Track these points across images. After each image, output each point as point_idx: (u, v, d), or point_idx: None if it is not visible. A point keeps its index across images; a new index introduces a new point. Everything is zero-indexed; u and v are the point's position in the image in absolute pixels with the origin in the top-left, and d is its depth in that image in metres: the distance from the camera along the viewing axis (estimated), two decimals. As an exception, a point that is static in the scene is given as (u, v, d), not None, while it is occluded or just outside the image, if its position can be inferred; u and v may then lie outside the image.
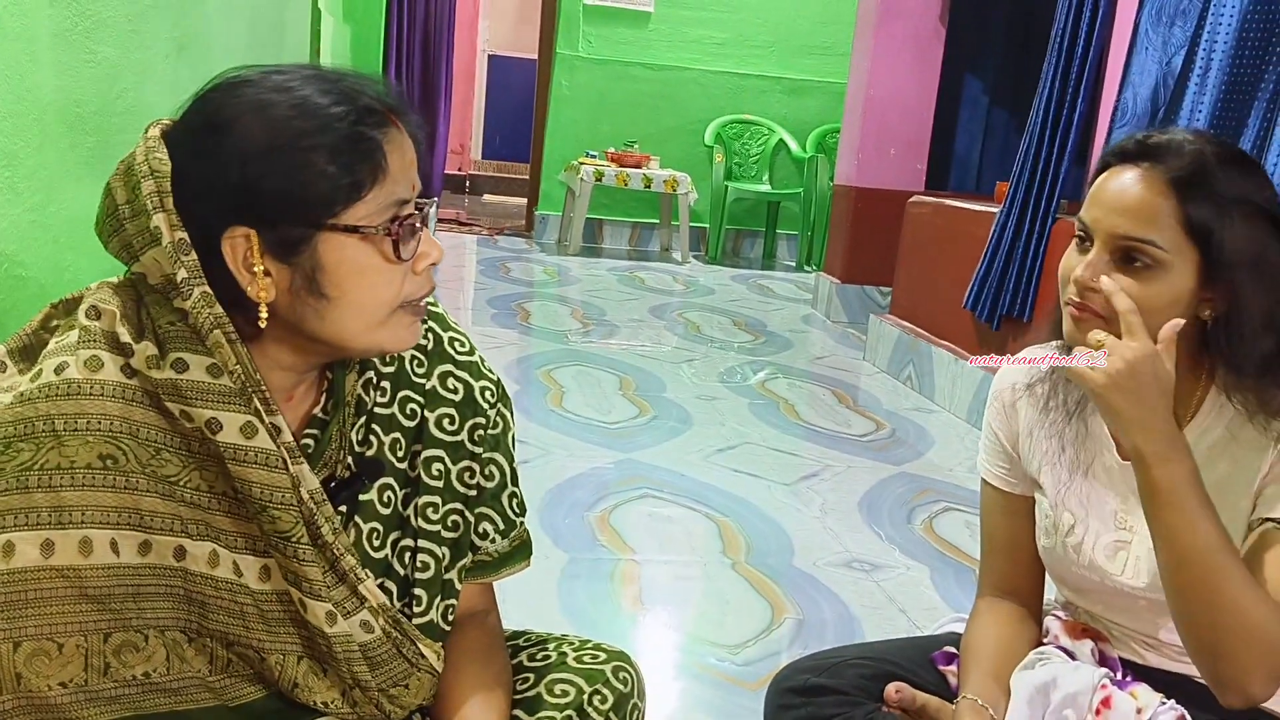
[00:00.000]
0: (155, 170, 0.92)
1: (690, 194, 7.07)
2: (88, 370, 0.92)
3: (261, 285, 0.92)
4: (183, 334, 0.93)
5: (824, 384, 4.13)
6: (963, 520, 2.71)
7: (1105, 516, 1.35)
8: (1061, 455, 1.37)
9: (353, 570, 1.00)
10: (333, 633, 0.99)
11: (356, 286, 0.94)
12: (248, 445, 0.93)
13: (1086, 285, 1.22)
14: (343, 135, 0.90)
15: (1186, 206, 1.18)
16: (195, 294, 0.92)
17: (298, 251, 0.92)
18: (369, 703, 1.05)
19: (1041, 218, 3.35)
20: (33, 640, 0.89)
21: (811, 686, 1.50)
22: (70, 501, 0.90)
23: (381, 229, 0.93)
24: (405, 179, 0.95)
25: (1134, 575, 1.33)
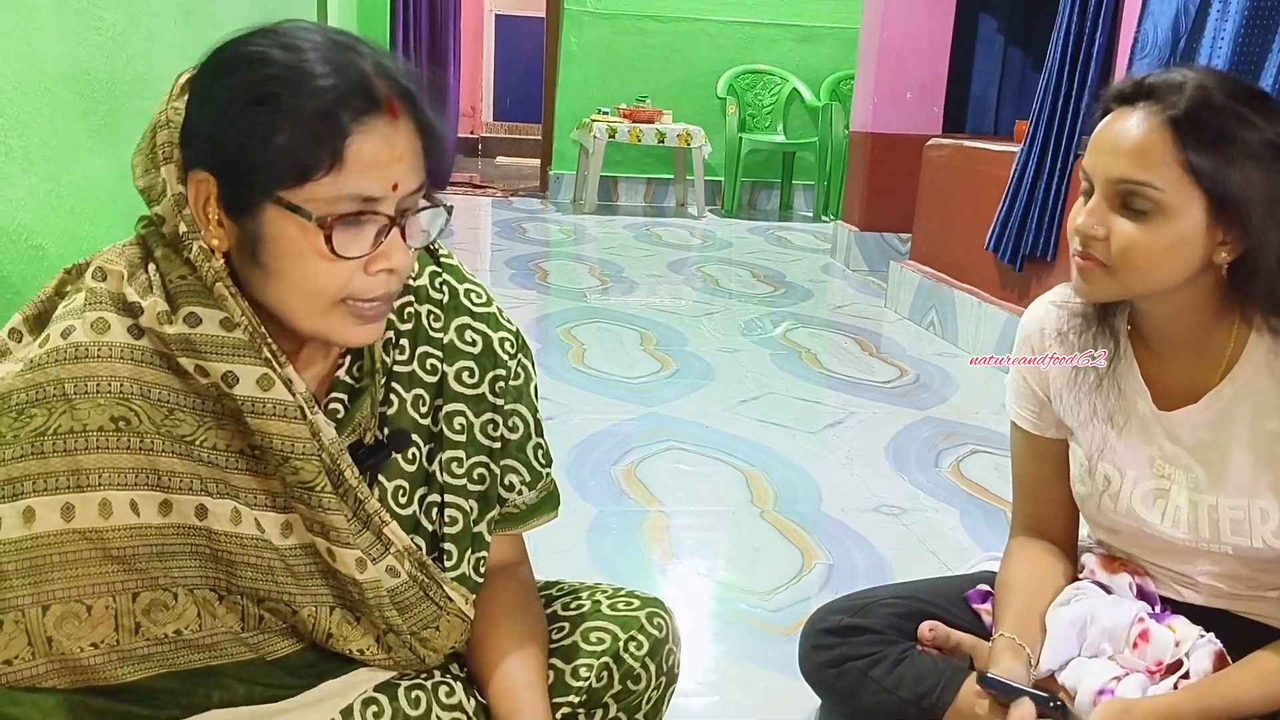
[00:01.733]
0: (170, 120, 0.92)
1: (704, 147, 7.01)
2: (94, 332, 0.91)
3: (214, 234, 0.91)
4: (194, 288, 0.92)
5: (846, 332, 4.11)
6: (991, 462, 2.70)
7: (1142, 465, 1.33)
8: (1094, 417, 1.35)
9: (377, 514, 1.00)
10: (364, 579, 0.99)
11: (293, 267, 0.90)
12: (265, 397, 0.92)
13: (1088, 234, 1.19)
14: (312, 112, 0.86)
15: (1186, 146, 1.14)
16: (194, 247, 0.91)
17: (246, 213, 0.89)
18: (403, 647, 1.05)
19: (1063, 155, 3.30)
20: (61, 603, 0.89)
21: (845, 627, 1.50)
22: (87, 464, 0.90)
23: (317, 219, 0.88)
24: (378, 176, 0.89)
25: (1173, 524, 1.31)
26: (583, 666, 1.18)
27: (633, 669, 1.20)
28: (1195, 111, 1.14)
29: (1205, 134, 1.13)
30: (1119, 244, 1.17)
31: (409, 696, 1.08)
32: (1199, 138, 1.13)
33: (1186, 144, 1.14)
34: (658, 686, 1.23)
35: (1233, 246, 1.17)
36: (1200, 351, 1.27)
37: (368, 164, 0.88)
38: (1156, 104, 1.17)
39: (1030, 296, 3.57)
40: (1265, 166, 1.13)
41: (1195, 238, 1.16)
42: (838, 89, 7.34)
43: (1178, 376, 1.30)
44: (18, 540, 0.88)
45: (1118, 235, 1.17)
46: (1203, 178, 1.14)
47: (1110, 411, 1.33)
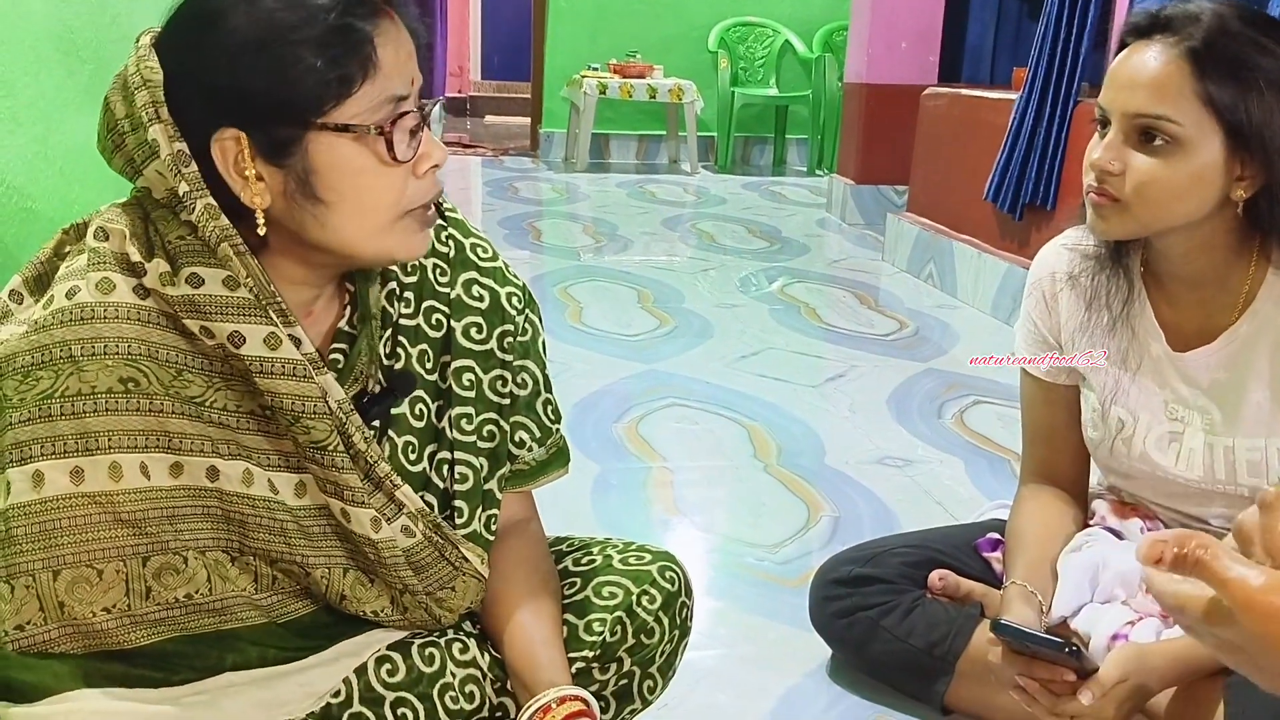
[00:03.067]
0: (148, 80, 0.88)
1: (696, 102, 6.95)
2: (100, 293, 0.90)
3: (255, 190, 0.89)
4: (194, 247, 0.90)
5: (844, 286, 4.09)
6: (994, 412, 2.69)
7: (1155, 409, 1.32)
8: (1112, 353, 1.33)
9: (388, 476, 0.99)
10: (379, 538, 0.98)
11: (353, 189, 0.90)
12: (273, 357, 0.91)
13: (1104, 169, 1.17)
14: (330, 27, 0.86)
15: (1204, 78, 1.12)
16: (199, 207, 0.89)
17: (288, 153, 0.88)
18: (419, 607, 1.04)
19: (1062, 102, 3.27)
20: (72, 568, 0.88)
21: (856, 577, 1.50)
22: (95, 427, 0.88)
23: (374, 128, 0.88)
24: (401, 74, 0.90)
25: (1187, 467, 1.30)
26: (596, 621, 1.17)
27: (646, 623, 1.19)
28: (1213, 41, 1.12)
29: (1223, 64, 1.11)
30: (1136, 179, 1.16)
31: (423, 654, 1.08)
32: (1217, 68, 1.11)
33: (1205, 75, 1.12)
34: (671, 640, 1.23)
35: (1251, 181, 1.15)
36: (1216, 290, 1.25)
37: (392, 64, 0.89)
38: (1173, 36, 1.15)
39: (1030, 246, 3.55)
40: None
41: (1214, 172, 1.15)
42: (830, 40, 7.26)
43: (1192, 317, 1.28)
44: (27, 504, 0.86)
45: (1135, 170, 1.16)
46: (1222, 109, 1.12)
47: (1124, 354, 1.32)
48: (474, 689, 1.10)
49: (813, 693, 1.50)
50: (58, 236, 0.97)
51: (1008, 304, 3.57)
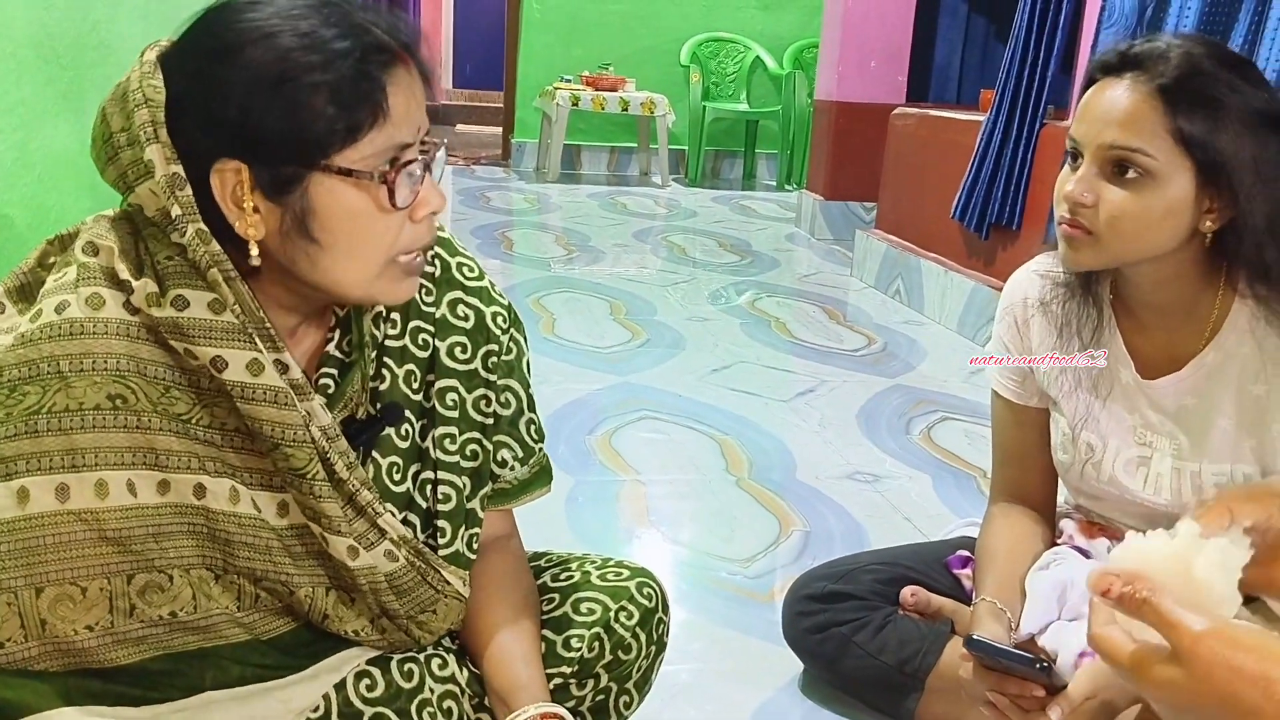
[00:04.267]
0: (150, 99, 0.88)
1: (668, 116, 6.98)
2: (90, 308, 0.90)
3: (250, 222, 0.89)
4: (182, 269, 0.90)
5: (813, 301, 4.12)
6: (961, 429, 2.73)
7: (1124, 434, 1.35)
8: (1078, 386, 1.36)
9: (370, 505, 0.99)
10: (356, 566, 0.98)
11: (348, 232, 0.90)
12: (255, 383, 0.91)
13: (1077, 201, 1.20)
14: (345, 74, 0.86)
15: (1176, 114, 1.15)
16: (190, 231, 0.88)
17: (288, 191, 0.88)
18: (397, 630, 1.05)
19: (1029, 124, 3.32)
20: (55, 585, 0.88)
21: (829, 593, 1.52)
22: (82, 444, 0.88)
23: (377, 174, 0.89)
24: (409, 122, 0.91)
25: (1155, 491, 1.33)
26: (574, 637, 1.18)
27: (624, 639, 1.20)
28: (1184, 79, 1.15)
29: (1194, 101, 1.15)
30: (1109, 211, 1.19)
31: (402, 669, 1.08)
32: (1189, 105, 1.15)
33: (1177, 111, 1.15)
34: (648, 655, 1.24)
35: (1219, 213, 1.18)
36: (1184, 319, 1.28)
37: (401, 112, 0.90)
38: (1144, 73, 1.18)
39: (996, 265, 3.60)
40: (1252, 131, 1.15)
41: (1184, 205, 1.18)
42: (801, 57, 7.33)
43: (1161, 345, 1.31)
44: (11, 521, 0.86)
45: (1107, 203, 1.19)
46: (1193, 144, 1.15)
47: (1094, 381, 1.35)
48: (452, 705, 1.10)
49: (785, 707, 1.51)
50: (41, 247, 0.97)
51: (973, 321, 3.62)
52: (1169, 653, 0.63)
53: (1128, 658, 0.66)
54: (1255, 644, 0.61)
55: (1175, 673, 0.63)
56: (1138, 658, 0.65)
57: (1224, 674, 0.61)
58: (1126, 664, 0.66)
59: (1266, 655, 0.60)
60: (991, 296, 3.52)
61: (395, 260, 0.93)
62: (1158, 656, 0.64)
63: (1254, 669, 0.60)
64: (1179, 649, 0.62)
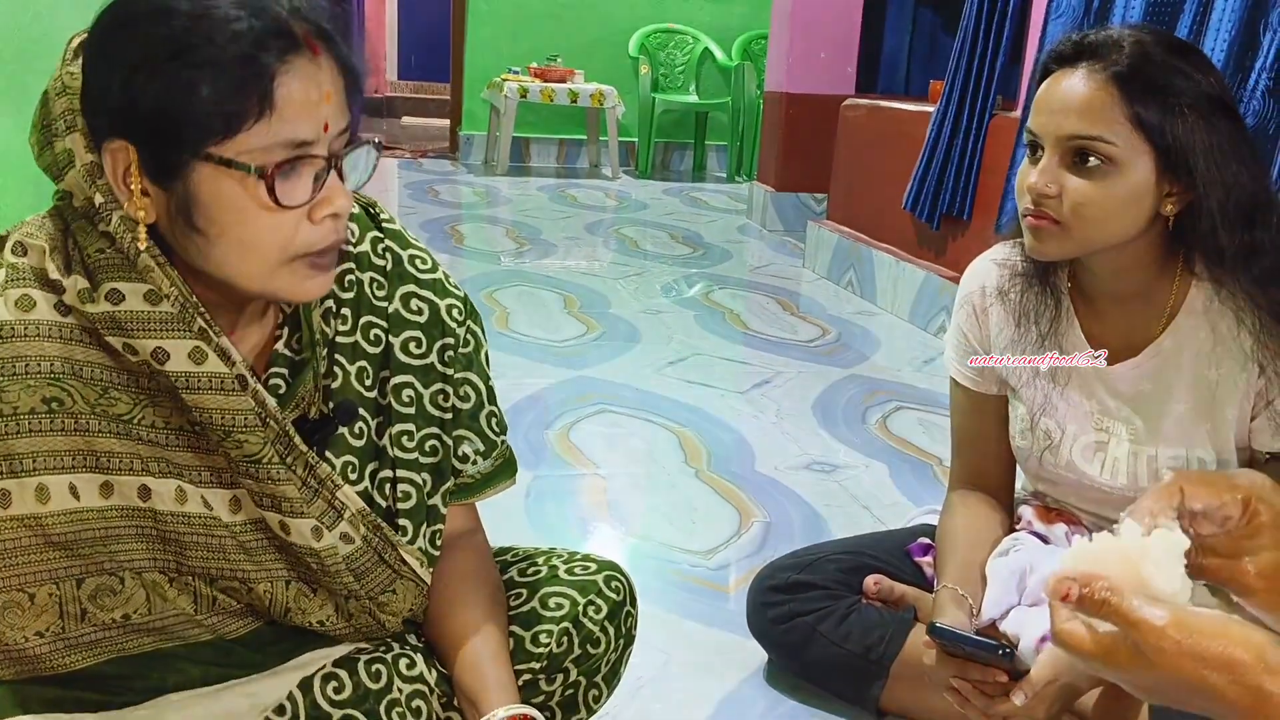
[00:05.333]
0: (68, 86, 0.86)
1: (618, 107, 6.96)
2: (19, 310, 0.87)
3: (139, 204, 0.85)
4: (113, 261, 0.87)
5: (766, 293, 4.14)
6: (915, 418, 2.76)
7: (1082, 420, 1.37)
8: (1037, 375, 1.38)
9: (328, 478, 0.97)
10: (321, 546, 0.96)
11: (233, 225, 0.85)
12: (199, 371, 0.88)
13: (1041, 192, 1.21)
14: (232, 57, 0.81)
15: (1133, 101, 1.17)
16: (114, 219, 0.86)
17: (173, 177, 0.84)
18: (363, 613, 1.03)
19: (978, 115, 3.36)
20: (2, 593, 0.86)
21: (793, 583, 1.52)
22: (19, 449, 0.85)
23: (254, 169, 0.83)
24: (308, 117, 0.84)
25: (1112, 476, 1.36)
26: (543, 633, 1.18)
27: (592, 633, 1.20)
28: (1138, 67, 1.17)
29: (1149, 87, 1.17)
30: (1073, 200, 1.20)
31: (369, 670, 1.07)
32: (1144, 91, 1.17)
33: (1133, 98, 1.17)
34: (616, 649, 1.24)
35: (1179, 197, 1.21)
36: (1142, 305, 1.31)
37: (298, 106, 0.84)
38: (1099, 62, 1.20)
39: (947, 255, 3.65)
40: (1205, 117, 1.17)
41: (1145, 190, 1.20)
42: (749, 48, 7.35)
43: (1118, 331, 1.34)
44: None
45: (1071, 192, 1.20)
46: (1150, 130, 1.17)
47: (1052, 370, 1.37)
48: (421, 704, 1.09)
49: (750, 698, 1.52)
50: None
51: (925, 311, 3.66)
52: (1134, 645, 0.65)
53: (1093, 650, 0.67)
54: (1216, 629, 0.63)
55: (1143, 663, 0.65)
56: (1103, 649, 0.67)
57: (1190, 664, 0.63)
58: (1094, 656, 0.67)
59: (1228, 639, 0.63)
60: (942, 286, 3.56)
61: (294, 259, 0.88)
62: (1124, 646, 0.66)
63: (1218, 653, 0.62)
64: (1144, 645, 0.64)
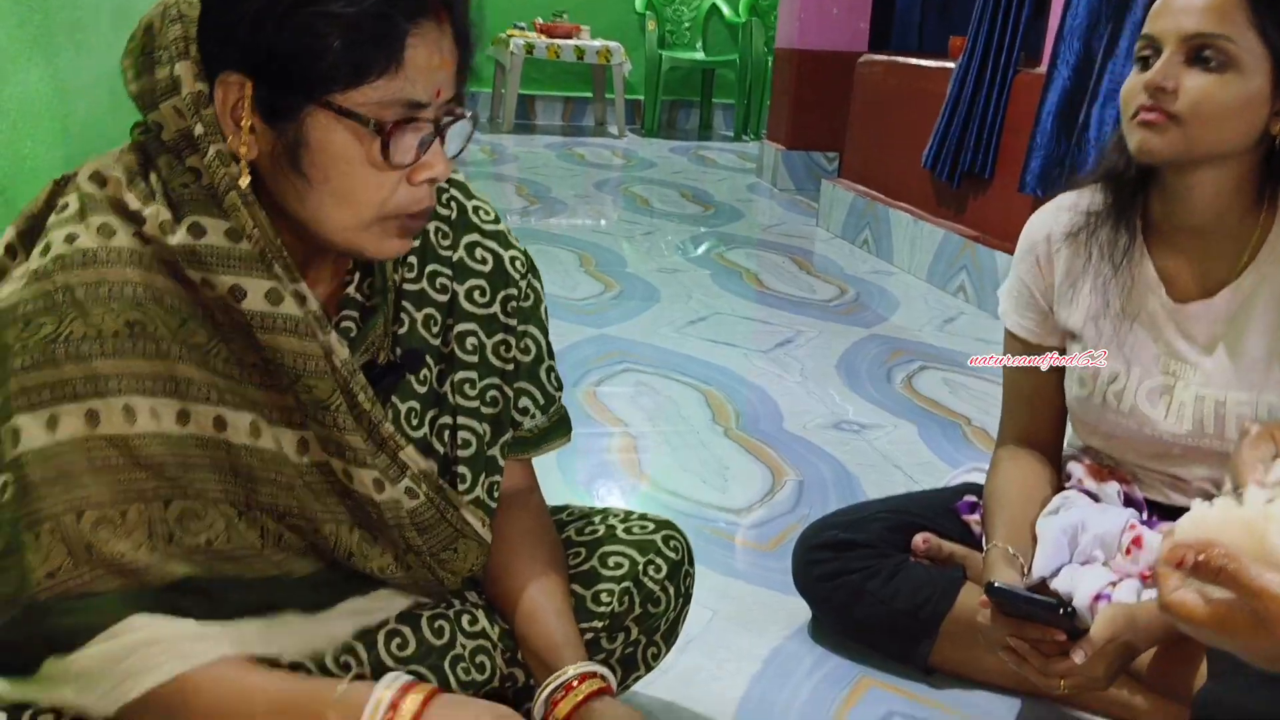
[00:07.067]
0: (183, 14, 0.87)
1: (625, 64, 6.89)
2: (101, 237, 0.87)
3: (245, 140, 0.86)
4: (197, 196, 0.88)
5: (781, 252, 4.12)
6: (940, 378, 2.75)
7: (1149, 362, 1.36)
8: (1107, 309, 1.37)
9: (392, 437, 0.97)
10: (382, 499, 0.96)
11: (338, 176, 0.87)
12: (275, 312, 0.88)
13: (1159, 86, 1.22)
14: (369, 12, 0.83)
15: (1258, 8, 1.19)
16: (211, 152, 0.86)
17: (286, 118, 0.85)
18: (422, 567, 1.03)
19: (1002, 71, 3.32)
20: (95, 509, 0.84)
21: (840, 541, 1.52)
22: (104, 370, 0.85)
23: (375, 124, 0.85)
24: (427, 80, 0.87)
25: (1177, 421, 1.35)
26: (604, 592, 1.18)
27: (653, 592, 1.20)
28: None
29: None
30: (1191, 95, 1.21)
31: (432, 626, 1.07)
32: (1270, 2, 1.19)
33: (1258, 5, 1.19)
34: (676, 608, 1.24)
35: None
36: (1222, 241, 1.31)
37: (420, 68, 0.86)
38: None
39: (967, 214, 3.62)
40: None
41: (1260, 100, 1.21)
42: (757, 4, 7.25)
43: (1194, 270, 1.33)
44: (42, 449, 0.83)
45: (1189, 89, 1.21)
46: (1272, 39, 1.19)
47: (1121, 305, 1.36)
48: (485, 659, 1.09)
49: (797, 654, 1.52)
50: (48, 187, 0.94)
51: (944, 271, 3.64)
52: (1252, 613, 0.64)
53: (1207, 618, 0.66)
54: None
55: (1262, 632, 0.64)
56: (1218, 617, 0.66)
57: None
58: (1207, 624, 0.67)
59: None
60: (962, 245, 3.54)
61: (386, 217, 0.90)
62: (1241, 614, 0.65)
63: None
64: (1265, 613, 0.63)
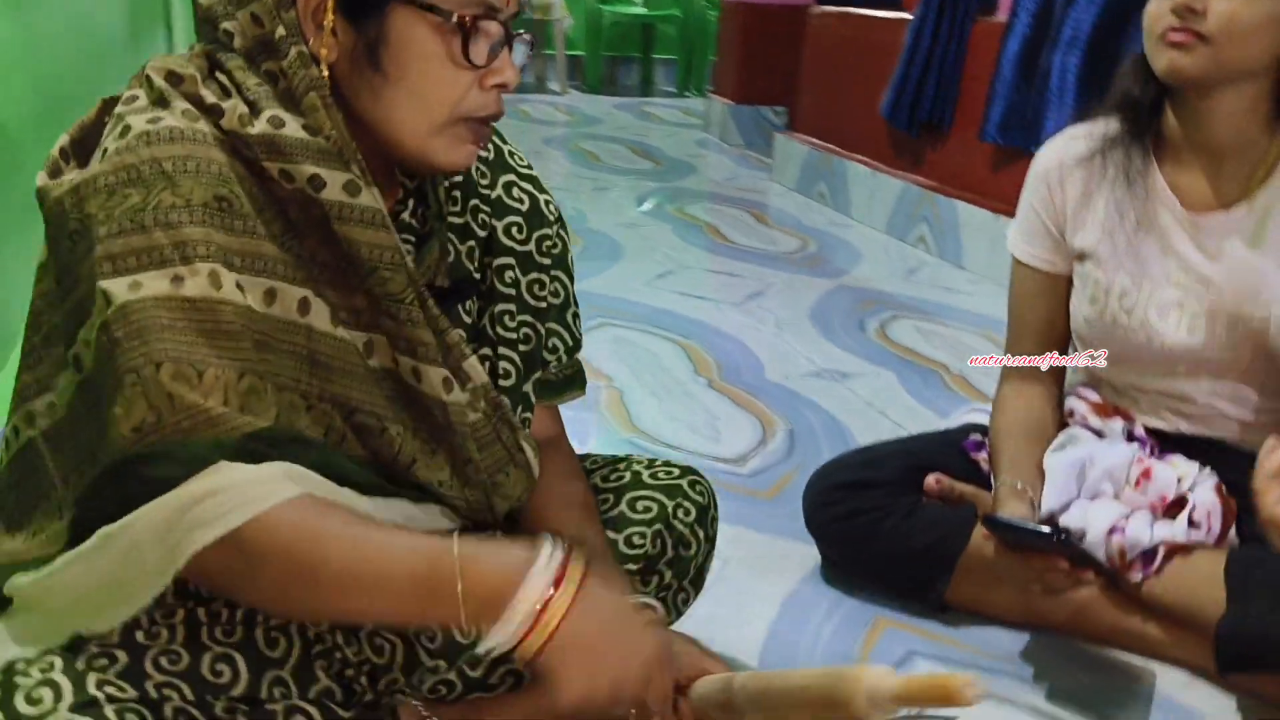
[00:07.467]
0: None
1: (565, 20, 6.81)
2: (186, 120, 0.85)
3: (326, 43, 0.87)
4: (272, 95, 0.87)
5: (739, 206, 4.11)
6: (912, 326, 2.77)
7: (1159, 277, 1.40)
8: (1121, 222, 1.40)
9: (457, 345, 0.96)
10: (450, 400, 0.95)
11: (417, 72, 0.88)
12: (353, 203, 0.87)
13: (1188, 6, 1.24)
14: None
15: None
16: (292, 53, 0.86)
17: (369, 14, 0.86)
18: (477, 486, 1.00)
19: (960, 20, 3.34)
20: (172, 363, 0.79)
21: (854, 482, 1.53)
22: (193, 236, 0.82)
23: (457, 17, 0.86)
24: None
25: (1189, 333, 1.38)
26: (635, 535, 1.18)
27: (684, 535, 1.21)
28: None
29: None
30: (1221, 15, 1.23)
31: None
32: None
33: None
34: (703, 552, 1.25)
35: None
36: (1235, 161, 1.35)
37: None
38: None
39: (925, 164, 3.64)
40: None
41: None
42: (697, -42, 7.20)
43: (1207, 188, 1.37)
44: (123, 304, 0.79)
45: (1218, 9, 1.24)
46: None
47: (1138, 212, 1.39)
48: None
49: (811, 598, 1.53)
50: (99, 104, 0.92)
51: (903, 222, 3.67)
52: None
53: None
54: None
55: None
56: None
57: None
58: None
59: None
60: (922, 196, 3.56)
61: (457, 120, 0.91)
62: None
63: None
64: None
